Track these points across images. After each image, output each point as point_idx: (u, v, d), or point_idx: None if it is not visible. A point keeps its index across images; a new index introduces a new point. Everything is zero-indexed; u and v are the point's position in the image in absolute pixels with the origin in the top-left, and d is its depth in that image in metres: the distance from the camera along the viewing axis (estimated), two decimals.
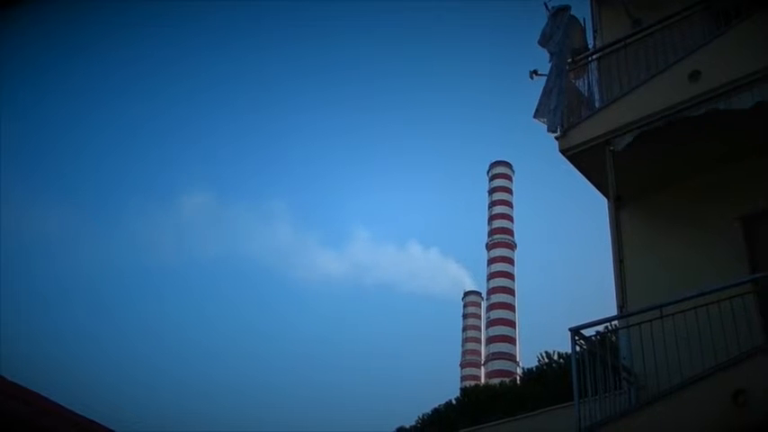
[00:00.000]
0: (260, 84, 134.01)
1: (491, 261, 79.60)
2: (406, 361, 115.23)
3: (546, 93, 10.46)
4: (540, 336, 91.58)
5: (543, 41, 10.97)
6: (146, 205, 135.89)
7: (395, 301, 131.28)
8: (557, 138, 10.23)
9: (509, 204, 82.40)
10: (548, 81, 10.56)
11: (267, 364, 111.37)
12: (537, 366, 18.41)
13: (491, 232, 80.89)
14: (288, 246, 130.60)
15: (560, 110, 10.18)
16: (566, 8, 11.32)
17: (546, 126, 10.24)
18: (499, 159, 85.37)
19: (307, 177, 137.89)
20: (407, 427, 20.22)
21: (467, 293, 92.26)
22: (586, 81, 10.96)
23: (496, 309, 76.78)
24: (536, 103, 10.50)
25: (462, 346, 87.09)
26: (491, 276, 78.97)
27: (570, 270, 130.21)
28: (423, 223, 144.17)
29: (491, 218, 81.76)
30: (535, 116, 10.38)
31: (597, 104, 10.63)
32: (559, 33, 10.77)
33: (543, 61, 11.09)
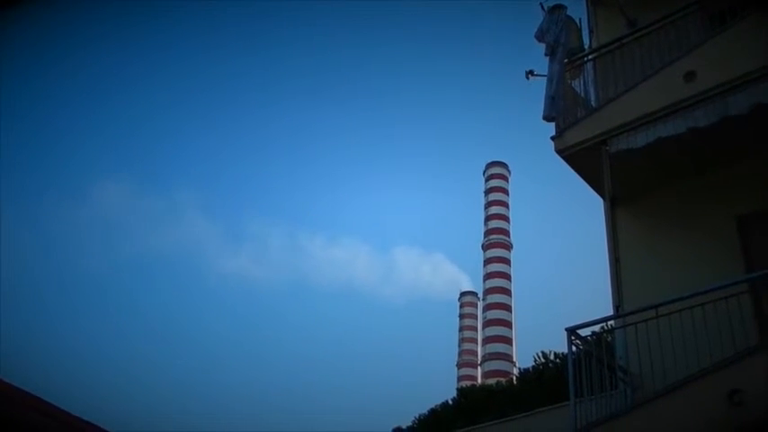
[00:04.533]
0: (260, 85, 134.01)
1: (487, 261, 79.70)
2: (403, 362, 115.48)
3: (550, 80, 10.53)
4: (537, 336, 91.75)
5: (540, 35, 11.06)
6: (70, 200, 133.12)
7: (390, 301, 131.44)
8: (552, 138, 10.28)
9: (505, 205, 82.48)
10: (551, 69, 10.63)
11: (259, 364, 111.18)
12: (533, 366, 18.39)
13: (487, 233, 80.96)
14: (286, 247, 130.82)
15: (559, 98, 10.25)
16: (562, 6, 11.42)
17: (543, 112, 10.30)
18: (495, 160, 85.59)
19: (300, 180, 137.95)
20: (404, 427, 20.27)
21: (463, 294, 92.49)
22: (582, 81, 10.97)
23: (493, 309, 76.91)
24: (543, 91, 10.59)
25: (459, 346, 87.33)
26: (487, 277, 79.09)
27: (566, 270, 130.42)
28: (418, 224, 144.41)
29: (487, 218, 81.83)
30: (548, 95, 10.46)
31: (593, 105, 10.67)
32: (557, 27, 10.85)
33: (540, 61, 11.20)
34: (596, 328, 9.77)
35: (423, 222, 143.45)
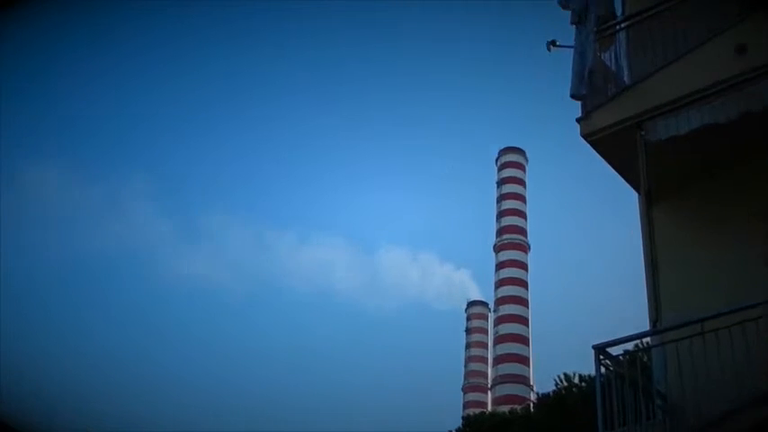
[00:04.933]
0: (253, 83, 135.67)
1: (500, 265, 79.01)
2: (400, 384, 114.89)
3: (580, 52, 10.39)
4: (558, 355, 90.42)
5: (564, 1, 10.86)
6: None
7: (383, 312, 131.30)
8: (578, 120, 10.02)
9: (521, 198, 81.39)
10: (578, 39, 10.48)
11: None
12: (554, 391, 18.21)
13: (500, 231, 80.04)
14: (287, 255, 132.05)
15: (592, 72, 10.13)
16: None
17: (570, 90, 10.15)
18: (510, 145, 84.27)
19: (299, 179, 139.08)
20: None
21: (471, 304, 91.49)
22: (613, 54, 10.74)
23: (506, 322, 76.40)
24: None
25: (465, 366, 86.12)
26: (500, 284, 78.46)
27: (594, 276, 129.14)
28: (419, 222, 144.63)
29: (500, 214, 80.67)
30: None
31: (626, 81, 10.42)
32: None
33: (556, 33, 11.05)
34: (630, 345, 9.44)
35: (424, 220, 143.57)
